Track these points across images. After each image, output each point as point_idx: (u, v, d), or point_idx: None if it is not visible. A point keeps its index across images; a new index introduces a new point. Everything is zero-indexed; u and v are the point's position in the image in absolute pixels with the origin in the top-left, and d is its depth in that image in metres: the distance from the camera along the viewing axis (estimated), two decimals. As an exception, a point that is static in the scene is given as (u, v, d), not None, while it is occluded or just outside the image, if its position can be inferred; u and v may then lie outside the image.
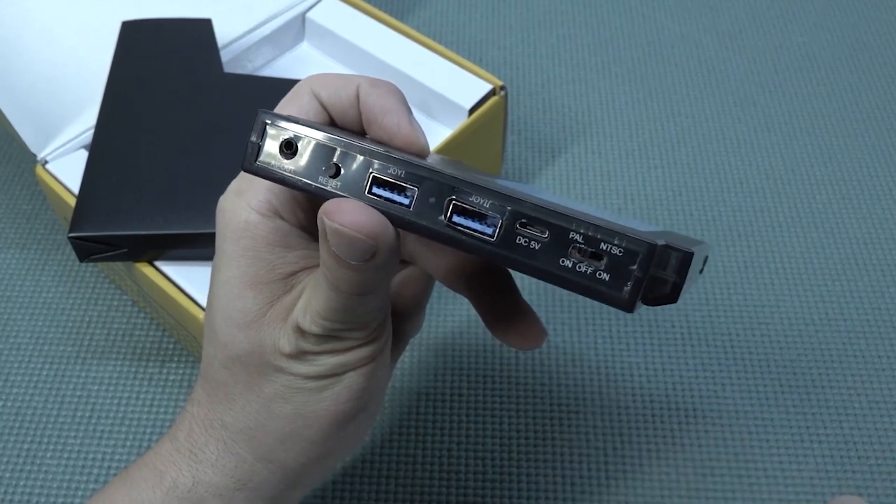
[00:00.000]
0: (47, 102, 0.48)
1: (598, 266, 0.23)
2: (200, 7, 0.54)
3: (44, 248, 0.54)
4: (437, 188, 0.24)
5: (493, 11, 0.68)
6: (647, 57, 0.65)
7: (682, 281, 0.23)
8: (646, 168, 0.58)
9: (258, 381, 0.29)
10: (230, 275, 0.28)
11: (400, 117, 0.27)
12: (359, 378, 0.29)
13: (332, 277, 0.26)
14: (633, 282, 0.22)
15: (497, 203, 0.23)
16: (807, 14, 0.68)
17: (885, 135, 0.59)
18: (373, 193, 0.25)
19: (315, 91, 0.28)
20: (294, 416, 0.29)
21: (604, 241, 0.22)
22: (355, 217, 0.24)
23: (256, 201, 0.28)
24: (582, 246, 0.23)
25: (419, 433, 0.45)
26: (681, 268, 0.23)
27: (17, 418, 0.46)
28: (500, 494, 0.43)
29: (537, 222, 0.23)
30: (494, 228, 0.23)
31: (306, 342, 0.28)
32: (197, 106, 0.47)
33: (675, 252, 0.23)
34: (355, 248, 0.24)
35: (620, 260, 0.22)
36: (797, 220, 0.55)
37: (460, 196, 0.24)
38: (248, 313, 0.28)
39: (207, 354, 0.30)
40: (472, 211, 0.24)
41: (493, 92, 0.50)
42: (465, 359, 0.48)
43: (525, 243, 0.23)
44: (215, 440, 0.30)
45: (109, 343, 0.49)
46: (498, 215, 0.23)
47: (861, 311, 0.50)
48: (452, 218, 0.24)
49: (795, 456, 0.45)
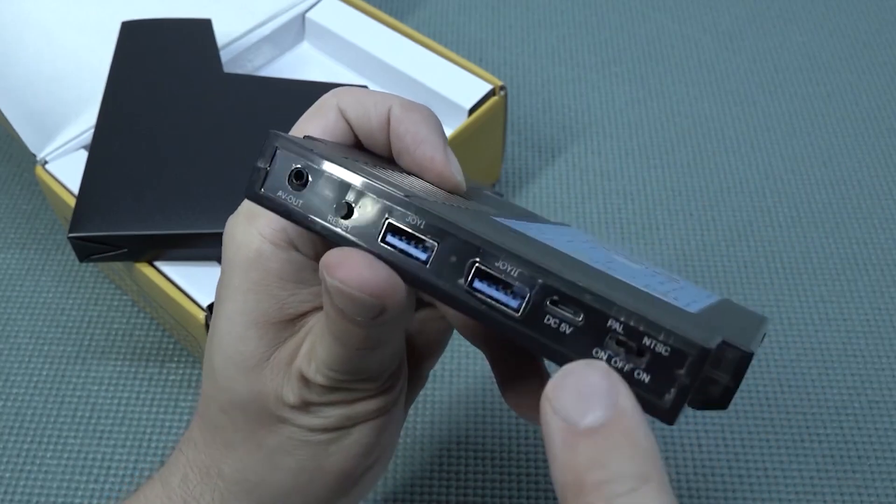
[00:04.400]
0: (47, 102, 0.48)
1: (637, 364, 0.19)
2: (200, 7, 0.54)
3: (44, 248, 0.54)
4: (460, 246, 0.20)
5: (493, 11, 0.68)
6: (647, 57, 0.65)
7: (737, 386, 0.20)
8: (646, 168, 0.58)
9: (259, 430, 0.26)
10: (234, 309, 0.25)
11: (434, 150, 0.24)
12: (369, 431, 0.27)
13: (336, 331, 0.23)
14: (678, 389, 0.18)
15: (527, 272, 0.20)
16: (807, 14, 0.68)
17: (885, 135, 0.59)
18: (386, 242, 0.21)
19: (342, 108, 0.25)
20: (298, 470, 0.26)
21: (648, 336, 0.19)
22: (359, 274, 0.21)
23: (270, 230, 0.25)
24: (621, 337, 0.19)
25: (419, 433, 0.45)
26: (737, 370, 0.19)
27: (17, 418, 0.46)
28: (500, 494, 0.43)
29: (572, 302, 0.19)
30: (521, 302, 0.20)
31: (311, 393, 0.25)
32: (197, 106, 0.47)
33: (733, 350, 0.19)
34: (358, 307, 0.21)
35: (665, 361, 0.19)
36: (797, 220, 0.55)
37: (485, 259, 0.20)
38: (251, 357, 0.25)
39: (205, 394, 0.27)
40: (497, 278, 0.20)
41: (493, 92, 0.50)
42: (465, 359, 0.48)
43: (554, 325, 0.20)
44: (211, 491, 0.27)
45: (109, 343, 0.49)
46: (526, 287, 0.20)
47: (861, 311, 0.50)
48: (473, 283, 0.20)
49: (795, 456, 0.45)
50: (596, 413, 0.18)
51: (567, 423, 0.18)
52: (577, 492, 0.18)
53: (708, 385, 0.20)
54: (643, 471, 0.18)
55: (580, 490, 0.18)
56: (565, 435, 0.18)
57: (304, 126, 0.26)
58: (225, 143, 0.45)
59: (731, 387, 0.20)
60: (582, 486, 0.18)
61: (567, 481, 0.18)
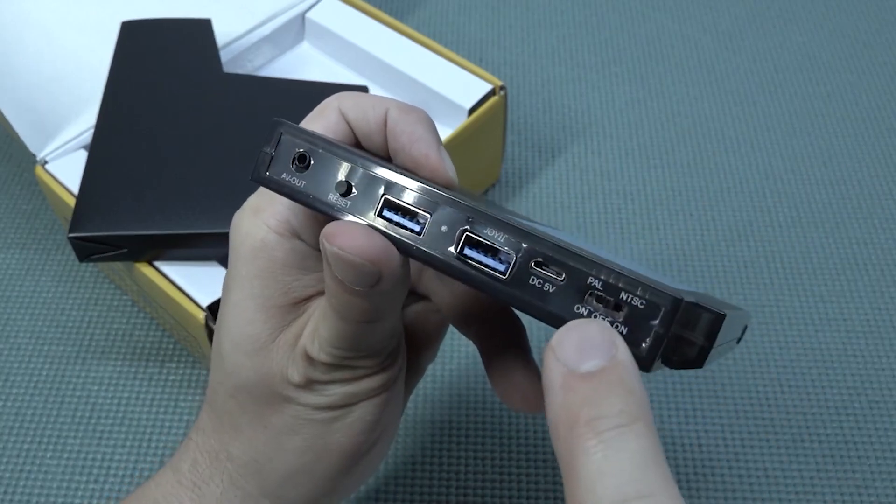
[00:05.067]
0: (47, 102, 0.48)
1: (615, 317, 0.21)
2: (200, 7, 0.54)
3: (44, 248, 0.54)
4: (451, 216, 0.22)
5: (493, 11, 0.68)
6: (647, 57, 0.65)
7: (711, 345, 0.21)
8: (646, 168, 0.58)
9: (266, 411, 0.27)
10: (242, 296, 0.27)
11: (429, 147, 0.26)
12: (371, 409, 0.28)
13: (337, 304, 0.24)
14: (652, 338, 0.20)
15: (513, 238, 0.22)
16: (807, 14, 0.68)
17: (885, 135, 0.59)
18: (383, 216, 0.23)
19: (343, 110, 0.27)
20: (304, 449, 0.28)
21: (625, 291, 0.21)
22: (357, 241, 0.22)
23: (275, 220, 0.26)
24: (601, 293, 0.21)
25: (419, 434, 0.45)
26: (710, 330, 0.21)
27: (17, 418, 0.46)
28: (500, 494, 0.43)
29: (554, 263, 0.21)
30: (507, 266, 0.22)
31: (315, 371, 0.27)
32: (197, 106, 0.47)
33: (706, 313, 0.21)
34: (357, 274, 0.23)
35: (641, 313, 0.20)
36: (797, 220, 0.55)
37: (474, 227, 0.22)
38: (258, 339, 0.27)
39: (213, 381, 0.29)
40: (486, 244, 0.22)
41: (493, 92, 0.50)
42: (465, 359, 0.48)
43: (538, 284, 0.21)
44: (220, 473, 0.28)
45: (109, 343, 0.49)
46: (512, 251, 0.22)
47: (861, 311, 0.50)
48: (464, 250, 0.22)
49: (795, 456, 0.45)
50: (594, 361, 0.20)
51: (567, 367, 0.20)
52: (570, 426, 0.19)
53: (684, 346, 0.21)
54: (633, 411, 0.19)
55: (574, 424, 0.19)
56: (565, 378, 0.20)
57: (307, 126, 0.27)
58: (225, 143, 0.45)
59: (705, 346, 0.21)
60: (575, 421, 0.19)
61: (561, 417, 0.20)
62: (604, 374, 0.20)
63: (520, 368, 0.28)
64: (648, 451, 0.19)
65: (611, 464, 0.19)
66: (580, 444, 0.19)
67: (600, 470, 0.19)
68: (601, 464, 0.19)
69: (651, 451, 0.19)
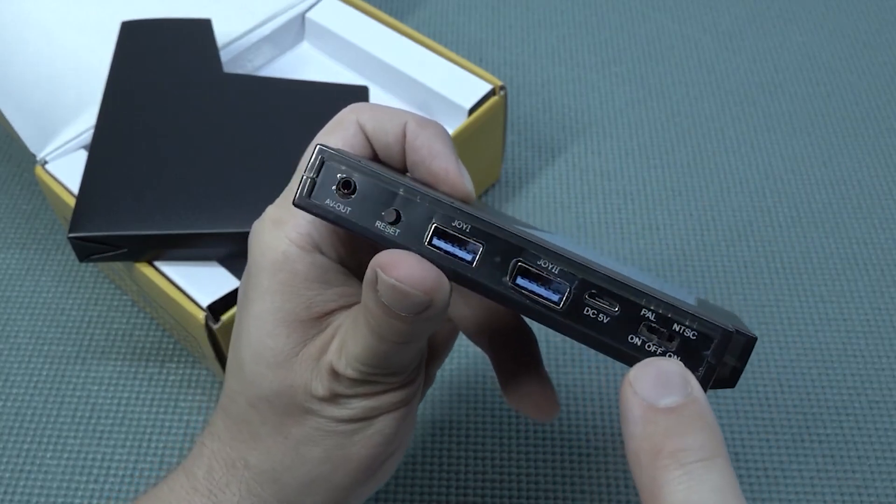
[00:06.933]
0: (47, 102, 0.48)
1: (668, 347, 0.22)
2: (200, 7, 0.54)
3: (44, 248, 0.54)
4: (504, 247, 0.23)
5: (493, 11, 0.68)
6: (647, 57, 0.65)
7: (743, 366, 0.22)
8: (646, 168, 0.58)
9: (286, 421, 0.27)
10: (263, 309, 0.27)
11: (448, 162, 0.26)
12: (391, 422, 0.28)
13: (377, 326, 0.24)
14: (705, 367, 0.22)
15: (567, 270, 0.22)
16: (807, 14, 0.68)
17: (885, 135, 0.59)
18: (433, 245, 0.23)
19: (361, 122, 0.27)
20: (323, 459, 0.28)
21: (677, 322, 0.22)
22: (413, 272, 0.23)
23: (297, 234, 0.26)
24: (653, 324, 0.22)
25: (419, 434, 0.45)
26: (743, 353, 0.22)
27: (17, 418, 0.46)
28: (500, 494, 0.43)
29: (608, 295, 0.22)
30: (561, 296, 0.22)
31: (340, 385, 0.27)
32: (197, 106, 0.47)
33: (741, 337, 0.22)
34: (409, 303, 0.23)
35: (694, 343, 0.22)
36: (797, 220, 0.55)
37: (527, 258, 0.23)
38: (280, 353, 0.27)
39: (231, 389, 0.29)
40: (538, 275, 0.23)
41: (493, 92, 0.50)
42: (465, 359, 0.48)
43: (593, 315, 0.22)
44: (237, 481, 0.28)
45: (109, 343, 0.49)
46: (566, 283, 0.22)
47: (861, 311, 0.50)
48: (517, 280, 0.23)
49: (795, 456, 0.45)
50: (673, 397, 0.21)
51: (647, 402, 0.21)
52: (653, 456, 0.20)
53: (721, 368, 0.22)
54: (713, 446, 0.21)
55: (657, 455, 0.20)
56: (645, 412, 0.21)
57: (324, 139, 0.27)
58: (225, 143, 0.45)
59: (738, 367, 0.22)
60: (659, 451, 0.20)
61: (643, 447, 0.21)
62: (683, 409, 0.21)
63: (532, 378, 0.29)
64: (729, 487, 0.20)
65: (695, 494, 0.20)
66: (665, 475, 0.20)
67: (686, 500, 0.20)
68: (686, 493, 0.20)
69: (731, 486, 0.20)
